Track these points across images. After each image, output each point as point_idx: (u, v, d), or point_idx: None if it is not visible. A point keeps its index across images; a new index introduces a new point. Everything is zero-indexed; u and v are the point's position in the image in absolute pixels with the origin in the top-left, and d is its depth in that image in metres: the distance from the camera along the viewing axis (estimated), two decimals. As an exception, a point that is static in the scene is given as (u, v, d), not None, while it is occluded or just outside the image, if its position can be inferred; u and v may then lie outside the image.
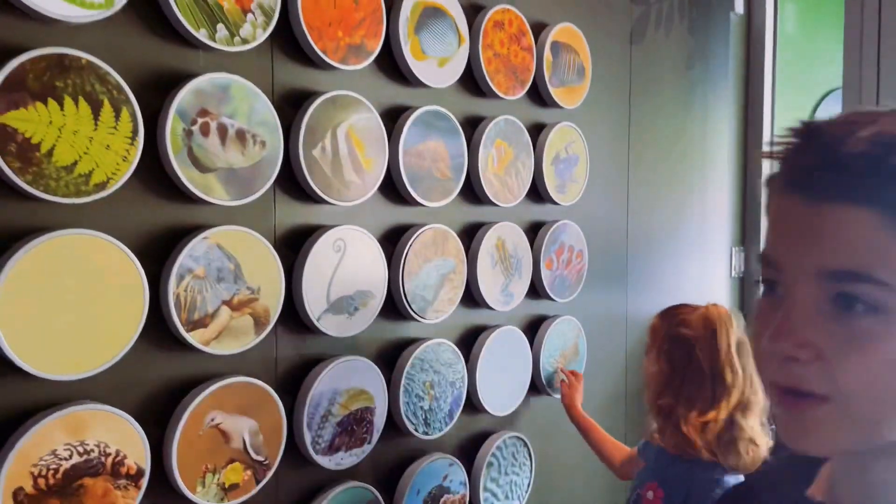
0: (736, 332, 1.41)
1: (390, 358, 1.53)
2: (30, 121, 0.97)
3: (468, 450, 1.70)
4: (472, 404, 1.69)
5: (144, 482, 1.11)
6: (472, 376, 1.67)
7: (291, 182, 1.33)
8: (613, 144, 2.14)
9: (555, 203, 1.88)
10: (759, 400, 1.37)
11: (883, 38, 2.54)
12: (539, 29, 1.82)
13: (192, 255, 1.16)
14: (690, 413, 1.36)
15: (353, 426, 1.41)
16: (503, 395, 1.75)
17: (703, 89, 2.54)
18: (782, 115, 2.99)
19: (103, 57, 1.05)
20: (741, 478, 1.33)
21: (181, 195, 1.17)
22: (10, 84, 0.95)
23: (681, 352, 1.41)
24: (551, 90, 1.83)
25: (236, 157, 1.21)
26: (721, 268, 2.71)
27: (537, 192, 1.85)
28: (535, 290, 1.86)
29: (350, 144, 1.39)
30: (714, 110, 2.61)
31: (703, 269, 2.59)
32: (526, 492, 1.82)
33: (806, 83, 3.41)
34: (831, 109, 3.30)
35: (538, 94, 1.83)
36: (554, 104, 1.86)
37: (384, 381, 1.47)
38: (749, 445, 1.33)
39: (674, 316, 1.46)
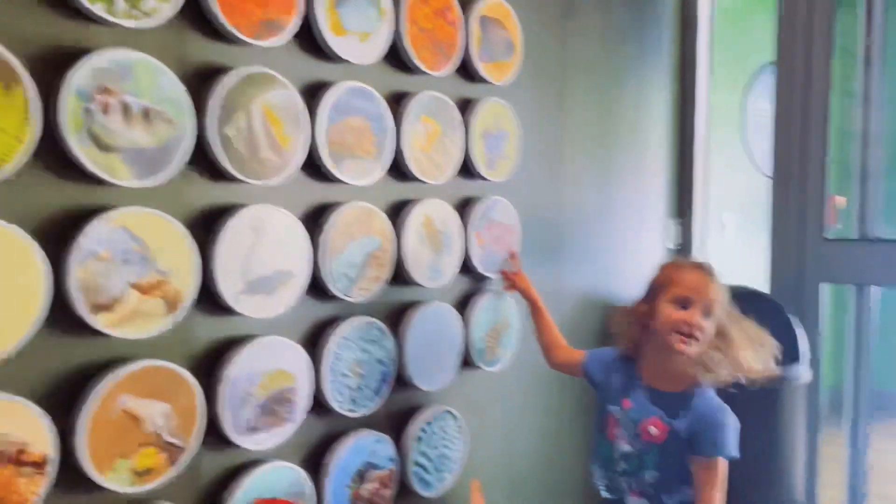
0: None
1: (314, 337, 1.52)
2: None
3: (398, 425, 1.72)
4: (402, 380, 1.70)
5: (51, 470, 1.09)
6: (401, 353, 1.68)
7: (205, 161, 1.30)
8: (546, 120, 2.14)
9: (485, 179, 1.88)
10: None
11: (815, 14, 2.58)
12: (466, 3, 1.80)
13: (96, 237, 1.13)
14: (740, 353, 1.51)
15: (274, 407, 1.41)
16: (434, 370, 1.77)
17: (638, 63, 2.56)
18: (718, 88, 3.03)
19: (-11, 32, 1.00)
20: None
21: (83, 176, 1.14)
22: None
23: (730, 308, 1.56)
24: (480, 66, 1.82)
25: (142, 137, 1.18)
26: (657, 239, 2.76)
27: (467, 169, 1.84)
28: (467, 267, 1.86)
29: (266, 122, 1.36)
30: (649, 84, 2.63)
31: (639, 241, 2.64)
32: (457, 464, 1.84)
33: (742, 57, 3.46)
34: (767, 83, 3.36)
35: (466, 70, 1.82)
36: (482, 80, 1.85)
37: (308, 360, 1.47)
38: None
39: (705, 273, 1.55)
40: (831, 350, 4.12)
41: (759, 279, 2.70)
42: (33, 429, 1.07)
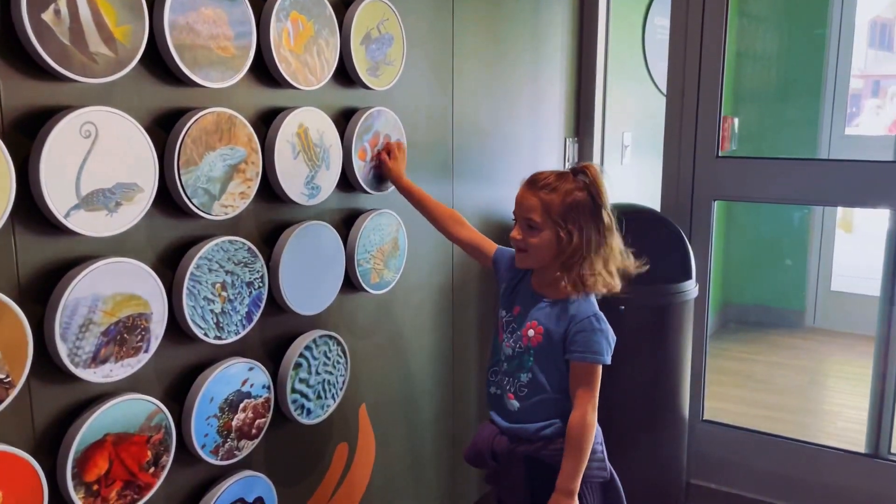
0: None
1: (172, 259, 1.37)
2: None
3: (273, 352, 1.61)
4: (277, 305, 1.58)
5: None
6: (275, 275, 1.55)
7: (18, 53, 1.11)
8: (435, 25, 2.00)
9: (367, 87, 1.74)
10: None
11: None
12: None
13: None
14: (596, 265, 1.51)
15: (123, 334, 1.26)
16: (312, 293, 1.66)
17: (538, -29, 2.43)
18: (619, 4, 2.95)
19: None
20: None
21: None
22: None
23: (586, 216, 1.50)
24: (358, -41, 1.65)
25: (-75, 18, 0.98)
26: (554, 158, 2.70)
27: (346, 75, 1.70)
28: (348, 183, 1.74)
29: (94, 8, 1.17)
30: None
31: (535, 159, 2.57)
32: (341, 390, 1.77)
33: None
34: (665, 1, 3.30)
35: (343, -37, 1.65)
36: (362, -24, 1.68)
37: (161, 284, 1.32)
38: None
39: (558, 184, 1.51)
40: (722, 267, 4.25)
41: (657, 200, 2.70)
42: None
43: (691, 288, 2.39)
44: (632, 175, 3.28)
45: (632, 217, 2.45)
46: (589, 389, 1.52)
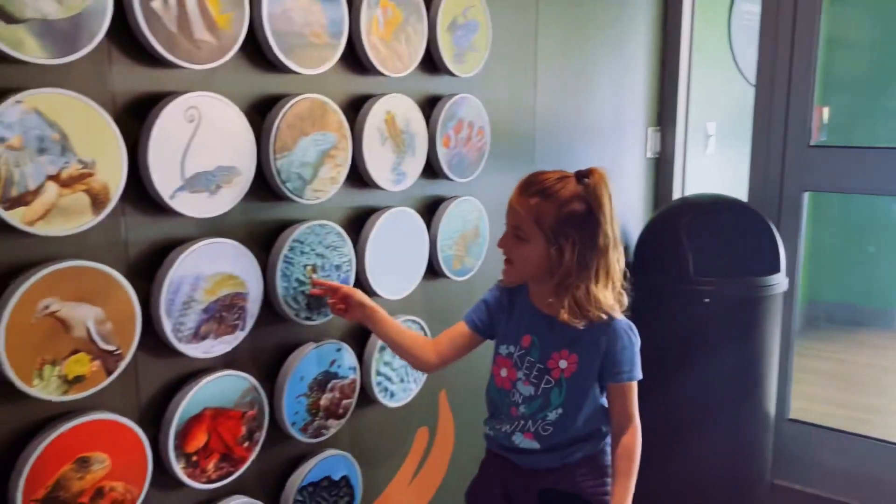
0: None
1: (266, 241, 1.42)
2: None
3: (360, 335, 1.64)
4: (363, 288, 1.60)
5: (-35, 377, 1.00)
6: (361, 260, 1.58)
7: (129, 40, 1.16)
8: (519, 12, 1.99)
9: (452, 74, 1.75)
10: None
11: None
12: None
13: (4, 121, 1.00)
14: (596, 285, 1.33)
15: (221, 312, 1.31)
16: (397, 278, 1.68)
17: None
18: (705, -10, 2.86)
19: None
20: None
21: (-17, 51, 1.00)
22: None
23: (584, 231, 1.31)
24: (446, -54, 1.65)
25: (51, 6, 1.03)
26: (636, 148, 2.65)
27: (432, 62, 1.70)
28: (432, 170, 1.75)
29: (199, -3, 1.21)
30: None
31: (618, 149, 2.53)
32: (422, 374, 1.78)
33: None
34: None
35: (431, -49, 1.66)
36: (450, -37, 1.68)
37: (258, 265, 1.37)
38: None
39: (554, 191, 1.32)
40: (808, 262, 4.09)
41: (742, 190, 2.62)
42: (-59, 332, 0.97)
43: (780, 281, 2.31)
44: (716, 165, 3.18)
45: (717, 208, 2.40)
46: (635, 406, 1.41)
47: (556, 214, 1.30)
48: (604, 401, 1.44)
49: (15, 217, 1.03)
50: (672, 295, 2.29)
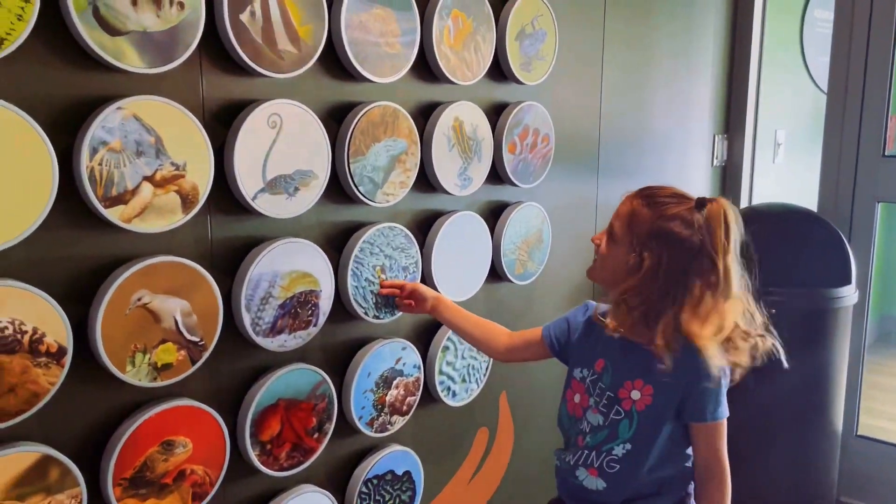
0: (736, 233, 1.19)
1: (337, 241, 1.48)
2: None
3: (423, 334, 1.68)
4: (428, 290, 1.65)
5: (67, 360, 1.08)
6: (427, 262, 1.63)
7: (218, 50, 1.24)
8: (586, 21, 2.01)
9: (519, 82, 1.78)
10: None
11: None
12: None
13: (106, 126, 1.09)
14: (688, 317, 1.17)
15: (296, 309, 1.38)
16: (461, 281, 1.72)
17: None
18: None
19: None
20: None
21: (90, 61, 1.08)
22: None
23: (674, 252, 1.18)
24: (516, -43, 1.69)
25: (150, 19, 1.12)
26: (703, 156, 2.63)
27: (500, 70, 1.75)
28: (497, 175, 1.79)
29: (283, 10, 1.28)
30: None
31: (684, 157, 2.52)
32: (484, 375, 1.82)
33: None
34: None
35: (501, -38, 1.70)
36: (519, -27, 1.72)
37: (330, 264, 1.43)
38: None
39: (662, 203, 1.21)
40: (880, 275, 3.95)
41: (812, 201, 2.57)
42: (48, 318, 1.05)
43: (850, 294, 2.25)
44: (785, 175, 3.12)
45: (786, 217, 2.36)
46: (723, 450, 1.27)
47: (651, 224, 1.19)
48: (688, 451, 1.31)
49: (114, 214, 1.11)
50: (736, 305, 2.27)
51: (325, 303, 1.43)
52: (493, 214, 1.82)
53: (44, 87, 1.05)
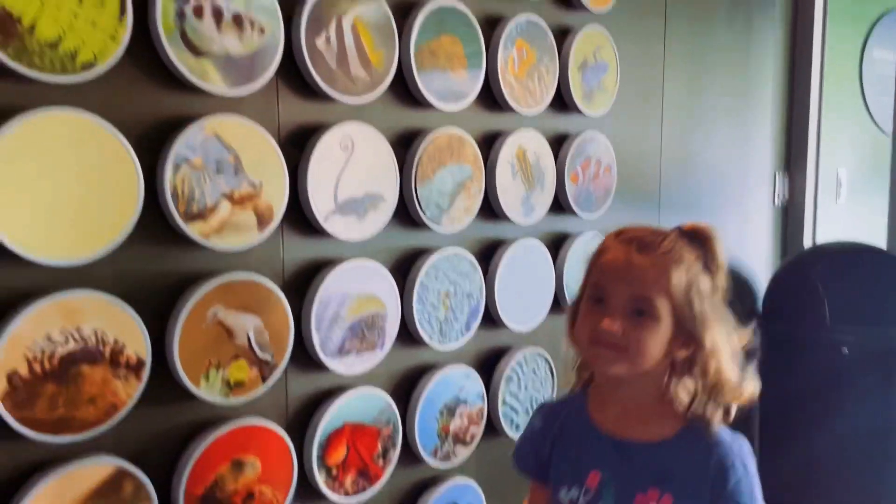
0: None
1: (403, 265, 1.48)
2: (8, -10, 0.93)
3: (486, 363, 1.66)
4: (491, 317, 1.64)
5: (145, 373, 1.09)
6: (491, 289, 1.62)
7: (294, 74, 1.27)
8: (647, 54, 2.02)
9: (581, 113, 1.79)
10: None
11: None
12: (565, -76, 1.70)
13: (189, 144, 1.12)
14: (724, 369, 0.99)
15: (363, 331, 1.38)
16: (524, 310, 1.70)
17: (748, 5, 2.38)
18: (834, 36, 2.80)
19: (86, -74, 0.99)
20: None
21: (176, 81, 1.13)
22: (-13, -50, 0.91)
23: (710, 302, 0.99)
24: (578, -10, 1.72)
25: (233, 44, 1.16)
26: (763, 193, 2.58)
27: (562, 101, 1.75)
28: (559, 204, 1.78)
29: (356, 36, 1.32)
30: (759, 28, 2.44)
31: (744, 192, 2.47)
32: (548, 410, 1.78)
33: (859, 2, 3.18)
34: (886, 33, 3.08)
35: (564, -6, 1.73)
36: (581, 6, 1.75)
37: (396, 287, 1.43)
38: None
39: (677, 251, 0.99)
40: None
41: (878, 243, 2.49)
42: (129, 331, 1.07)
43: (927, 334, 2.15)
44: (848, 215, 3.04)
45: (855, 255, 2.28)
46: None
47: (687, 282, 0.97)
48: None
49: (194, 230, 1.13)
50: (806, 344, 2.18)
51: (391, 326, 1.43)
52: (556, 244, 1.80)
53: (132, 105, 1.10)
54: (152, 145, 1.11)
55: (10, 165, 0.95)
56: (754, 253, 2.55)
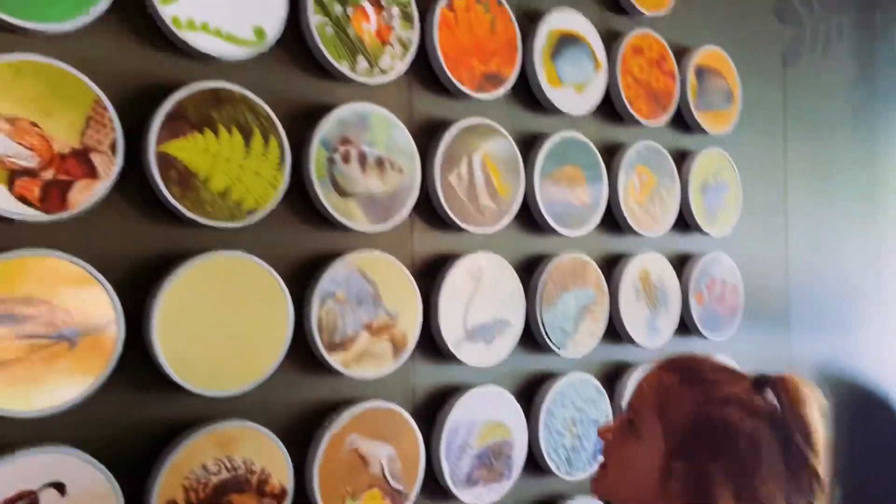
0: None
1: (528, 391, 1.47)
2: (188, 149, 1.05)
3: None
4: (618, 445, 1.58)
5: (287, 502, 1.12)
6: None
7: (427, 208, 1.34)
8: (768, 172, 2.00)
9: (703, 233, 1.77)
10: None
11: None
12: (681, 53, 1.75)
13: (334, 278, 1.19)
14: None
15: (491, 460, 1.37)
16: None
17: (870, 114, 2.34)
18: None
19: (254, 90, 1.11)
20: None
21: (323, 220, 1.21)
22: (172, 115, 1.03)
23: (728, 463, 0.80)
24: (696, 115, 1.75)
25: (375, 184, 1.24)
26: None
27: (684, 222, 1.75)
28: (685, 326, 1.74)
29: (486, 171, 1.38)
30: (884, 137, 2.38)
31: (888, 310, 2.33)
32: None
33: None
34: None
35: (682, 120, 1.75)
36: (699, 130, 1.77)
37: (523, 414, 1.42)
38: None
39: (711, 379, 0.87)
40: None
41: None
42: (275, 459, 1.11)
43: None
44: None
45: None
46: None
47: (694, 412, 0.82)
48: None
49: (336, 360, 1.18)
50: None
51: (518, 455, 1.41)
52: (682, 367, 1.75)
53: (284, 244, 1.18)
54: (300, 280, 1.19)
55: (179, 304, 1.03)
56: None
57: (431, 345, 1.33)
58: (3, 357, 0.90)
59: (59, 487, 0.93)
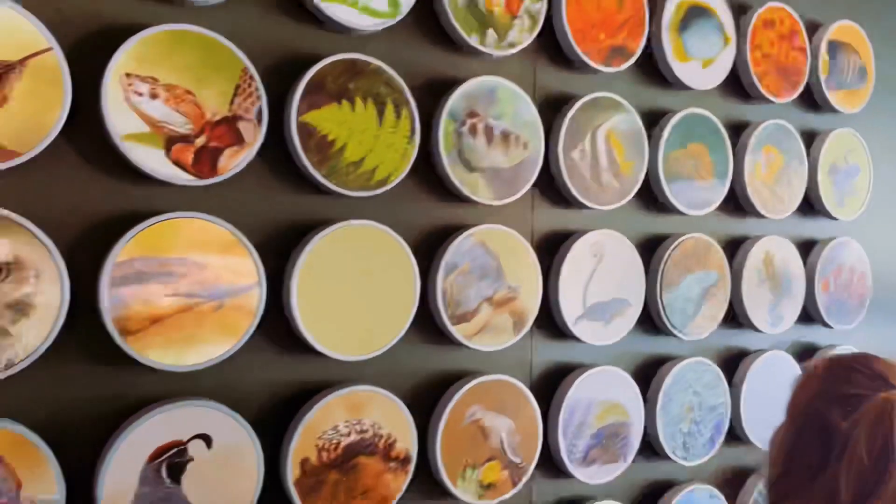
0: None
1: (643, 373, 1.44)
2: (327, 119, 1.07)
3: (732, 484, 1.55)
4: (736, 434, 1.54)
5: (411, 468, 1.14)
6: (737, 403, 1.52)
7: (549, 184, 1.33)
8: (902, 153, 1.88)
9: (831, 217, 1.68)
10: None
11: None
12: (813, 27, 1.66)
13: (459, 251, 1.19)
14: None
15: (607, 440, 1.35)
16: (771, 429, 1.57)
17: None
18: None
19: (388, 62, 1.13)
20: None
21: (449, 193, 1.22)
22: (312, 87, 1.06)
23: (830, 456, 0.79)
24: (827, 93, 1.66)
25: (499, 158, 1.24)
26: None
27: (810, 205, 1.67)
28: (808, 315, 1.66)
29: (609, 147, 1.36)
30: None
31: None
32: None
33: None
34: None
35: (811, 98, 1.67)
36: (830, 108, 1.68)
37: (640, 397, 1.39)
38: None
39: (844, 377, 0.85)
40: None
41: None
42: (401, 425, 1.13)
43: None
44: None
45: None
46: None
47: (810, 401, 0.86)
48: None
49: (459, 331, 1.19)
50: None
51: (635, 437, 1.38)
52: (803, 357, 1.67)
53: (411, 215, 1.19)
54: (426, 252, 1.20)
55: (316, 270, 1.06)
56: None
57: (549, 321, 1.32)
58: (160, 313, 0.95)
59: (207, 440, 0.98)
